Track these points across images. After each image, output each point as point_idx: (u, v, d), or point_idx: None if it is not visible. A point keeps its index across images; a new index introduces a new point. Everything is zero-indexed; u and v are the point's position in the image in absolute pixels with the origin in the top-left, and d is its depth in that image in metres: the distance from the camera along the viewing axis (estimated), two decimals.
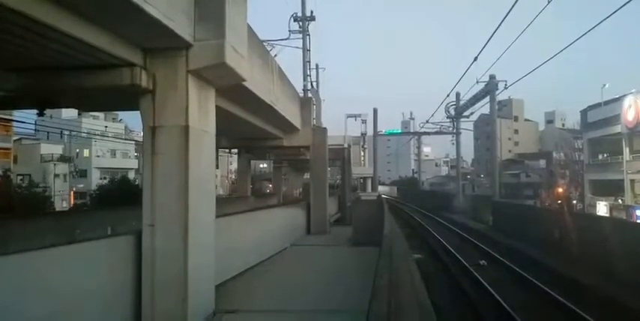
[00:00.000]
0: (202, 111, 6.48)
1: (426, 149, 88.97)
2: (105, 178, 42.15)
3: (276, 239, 12.85)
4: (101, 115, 50.69)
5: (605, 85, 41.03)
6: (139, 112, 6.25)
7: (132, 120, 60.34)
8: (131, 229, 6.36)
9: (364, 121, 60.57)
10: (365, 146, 64.60)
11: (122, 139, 46.22)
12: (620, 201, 34.66)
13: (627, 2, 10.39)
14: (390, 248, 8.64)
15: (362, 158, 64.53)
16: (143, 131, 6.35)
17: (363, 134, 63.14)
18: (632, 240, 12.88)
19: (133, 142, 47.75)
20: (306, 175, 36.27)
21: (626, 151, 34.52)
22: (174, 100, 6.07)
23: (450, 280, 14.26)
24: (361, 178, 52.10)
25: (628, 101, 33.57)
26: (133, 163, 50.05)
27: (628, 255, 12.42)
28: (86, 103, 10.26)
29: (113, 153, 49.97)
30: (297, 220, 16.49)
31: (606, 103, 38.03)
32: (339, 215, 23.51)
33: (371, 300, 4.69)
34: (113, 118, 54.59)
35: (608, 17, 11.79)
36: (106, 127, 48.44)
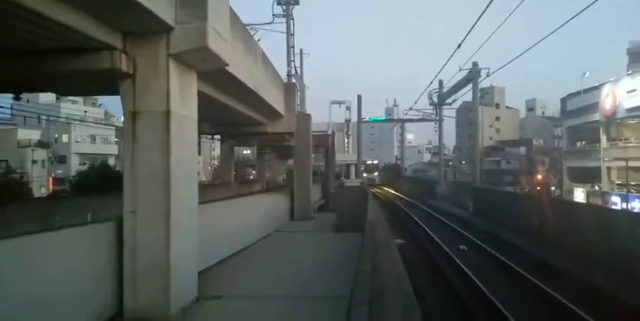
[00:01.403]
0: (184, 96, 6.37)
1: (409, 136, 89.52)
2: (85, 163, 41.47)
3: (260, 225, 12.87)
4: (80, 99, 49.65)
5: (585, 73, 41.72)
6: (119, 96, 6.12)
7: (112, 105, 59.16)
8: (112, 215, 6.26)
9: (348, 108, 60.65)
10: (349, 133, 64.78)
11: (102, 124, 45.41)
12: (596, 187, 35.58)
13: None
14: (372, 234, 8.73)
15: (346, 145, 64.75)
16: (123, 116, 6.22)
17: (347, 121, 63.23)
18: (604, 224, 13.31)
19: (114, 128, 46.96)
20: (290, 162, 36.22)
21: (603, 138, 35.30)
22: (155, 85, 5.95)
23: (432, 264, 14.52)
24: (345, 164, 52.32)
25: (606, 90, 34.21)
26: (114, 149, 49.27)
27: (601, 239, 12.87)
28: (65, 88, 9.99)
29: (93, 138, 49.12)
30: (280, 206, 16.51)
31: (585, 91, 38.69)
32: (323, 202, 23.61)
33: (353, 286, 4.75)
34: (93, 103, 53.56)
35: (589, 6, 11.89)
36: (85, 111, 47.47)
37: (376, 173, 66.15)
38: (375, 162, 68.21)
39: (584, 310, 9.02)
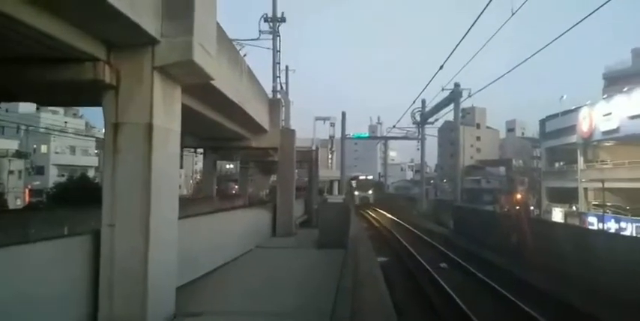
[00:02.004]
0: (168, 109, 6.35)
1: (392, 153, 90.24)
2: (63, 175, 40.62)
3: (241, 241, 12.72)
4: (61, 110, 48.90)
5: (563, 96, 42.88)
6: (101, 108, 6.06)
7: (93, 116, 58.46)
8: (90, 228, 6.13)
9: (333, 125, 61.00)
10: (333, 149, 64.97)
11: (82, 135, 44.72)
12: (574, 208, 36.21)
13: (588, 15, 10.93)
14: (355, 251, 8.72)
15: (330, 161, 64.83)
16: (105, 128, 6.15)
17: (332, 137, 63.47)
18: (581, 244, 13.60)
19: (94, 139, 46.32)
20: (274, 177, 36.08)
21: (580, 160, 36.11)
22: (138, 97, 5.92)
23: (412, 282, 14.50)
24: (329, 180, 52.34)
25: (583, 113, 35.15)
26: (94, 161, 48.50)
27: (577, 258, 13.13)
28: (46, 98, 9.88)
29: (73, 150, 48.26)
30: (262, 221, 16.37)
31: (563, 113, 39.71)
32: (306, 217, 23.50)
33: (335, 302, 4.72)
34: (74, 114, 52.79)
35: (566, 32, 12.37)
36: (65, 122, 46.79)
37: (371, 191, 55.06)
38: (370, 177, 58.98)
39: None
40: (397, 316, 8.16)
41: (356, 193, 51.51)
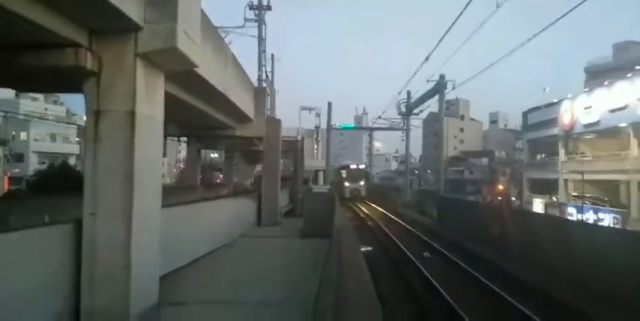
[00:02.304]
0: (150, 96, 6.26)
1: (377, 144, 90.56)
2: (44, 163, 39.86)
3: (225, 230, 12.70)
4: (41, 96, 47.77)
5: (545, 89, 43.45)
6: (82, 95, 5.94)
7: (74, 103, 57.24)
8: (71, 217, 6.05)
9: (318, 114, 60.81)
10: (318, 139, 64.89)
11: (63, 122, 43.87)
12: (554, 199, 36.95)
13: (572, 9, 11.04)
14: (339, 240, 8.78)
15: (315, 151, 64.80)
16: (86, 115, 6.05)
17: (317, 127, 63.32)
18: (560, 233, 14.01)
19: (75, 126, 45.50)
20: (259, 167, 35.92)
21: (561, 152, 36.77)
22: (120, 84, 5.82)
23: (396, 270, 14.69)
24: (314, 170, 52.36)
25: (565, 106, 35.70)
26: (75, 149, 47.65)
27: (554, 246, 13.57)
28: (26, 84, 9.66)
29: (53, 137, 47.33)
30: (247, 211, 16.36)
31: (546, 106, 40.25)
32: (291, 207, 23.55)
33: (319, 291, 4.76)
34: (54, 101, 51.63)
35: (550, 25, 12.48)
36: (45, 109, 45.80)
37: (363, 182, 47.60)
38: (362, 166, 51.01)
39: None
40: (381, 304, 8.28)
41: (346, 184, 45.89)
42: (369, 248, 18.16)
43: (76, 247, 5.72)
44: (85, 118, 6.32)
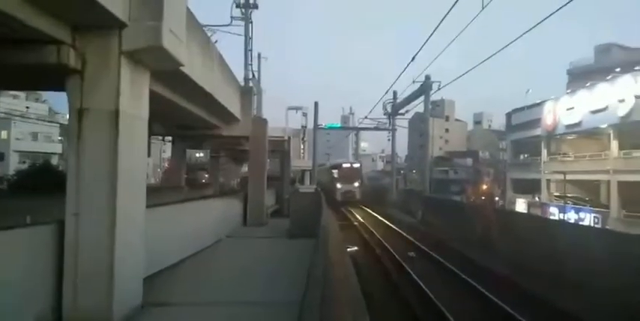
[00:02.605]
0: (135, 95, 6.17)
1: (363, 144, 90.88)
2: (25, 162, 39.12)
3: (211, 231, 12.60)
4: (22, 94, 46.88)
5: (529, 90, 44.10)
6: (65, 92, 5.84)
7: (57, 101, 56.30)
8: (53, 218, 5.94)
9: (305, 114, 60.76)
10: (305, 139, 64.82)
11: (45, 121, 43.11)
12: (537, 199, 37.52)
13: (557, 10, 11.21)
14: (325, 240, 8.76)
15: (302, 151, 64.72)
16: (69, 114, 5.94)
17: (304, 127, 63.25)
18: (542, 233, 14.46)
19: (58, 125, 44.76)
20: (245, 166, 35.65)
21: (544, 152, 37.36)
22: (104, 82, 5.73)
23: (381, 270, 14.77)
24: (301, 170, 52.30)
25: (547, 107, 36.27)
26: (57, 148, 46.83)
27: (536, 245, 13.96)
28: (6, 81, 9.44)
29: (35, 136, 46.45)
30: (233, 211, 16.26)
31: (529, 107, 40.85)
32: (277, 207, 23.48)
33: (305, 291, 4.74)
34: (36, 99, 50.69)
35: (533, 27, 12.65)
36: (27, 107, 44.99)
37: (357, 184, 41.57)
38: (357, 165, 44.76)
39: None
40: (366, 302, 8.30)
41: (338, 185, 40.09)
42: (355, 248, 18.21)
43: (59, 248, 5.61)
44: (67, 116, 6.21)
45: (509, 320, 9.48)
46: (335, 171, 42.82)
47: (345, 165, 44.01)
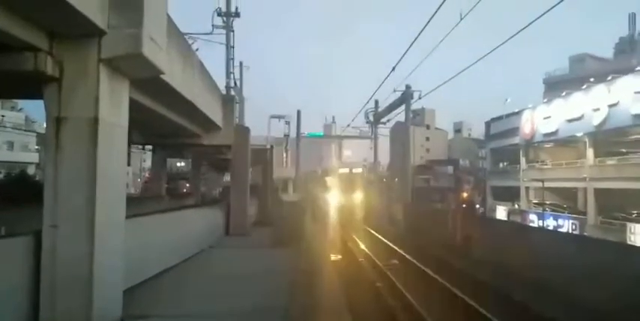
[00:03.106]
0: (114, 103, 6.07)
1: (346, 152, 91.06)
2: (0, 172, 38.08)
3: (192, 241, 12.41)
4: None
5: (507, 99, 44.97)
6: (42, 101, 5.72)
7: (34, 109, 55.10)
8: (30, 229, 5.77)
9: (288, 123, 60.64)
10: (288, 148, 64.66)
11: (22, 129, 42.14)
12: (516, 206, 38.06)
13: (535, 20, 11.53)
14: (308, 249, 8.72)
15: (284, 160, 64.52)
16: (46, 122, 5.82)
17: (286, 136, 63.14)
18: (516, 238, 15.05)
19: (35, 134, 43.79)
20: (227, 176, 35.24)
21: (522, 160, 38.01)
22: (83, 90, 5.62)
23: (365, 277, 14.75)
24: (283, 179, 52.07)
25: (525, 116, 37.00)
26: (34, 157, 45.72)
27: (518, 251, 14.38)
28: None
29: (11, 145, 45.31)
30: (215, 221, 16.07)
31: (507, 116, 41.62)
32: (260, 216, 23.30)
33: (289, 301, 4.69)
34: (12, 107, 49.50)
35: (512, 37, 12.95)
36: (2, 116, 43.93)
37: (359, 194, 33.89)
38: (359, 170, 36.23)
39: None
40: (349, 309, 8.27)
41: (331, 197, 29.11)
42: (339, 257, 18.16)
43: (35, 260, 5.44)
44: (45, 125, 6.08)
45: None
46: (329, 178, 32.39)
47: (342, 171, 33.43)
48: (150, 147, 24.51)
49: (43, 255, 5.44)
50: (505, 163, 44.13)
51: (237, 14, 22.36)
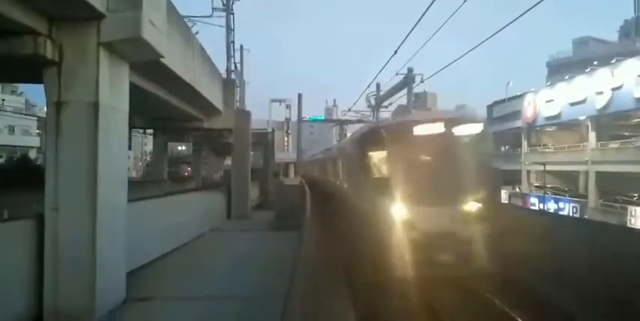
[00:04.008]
0: (114, 87, 6.06)
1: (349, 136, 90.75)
2: (1, 156, 38.23)
3: (194, 224, 12.52)
4: None
5: (509, 82, 44.57)
6: (42, 85, 5.70)
7: (34, 93, 54.96)
8: (32, 212, 5.83)
9: (288, 107, 60.49)
10: (289, 131, 64.54)
11: (22, 114, 42.08)
12: (517, 189, 38.17)
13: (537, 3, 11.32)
14: (309, 233, 8.80)
15: (285, 143, 64.48)
16: (47, 107, 5.82)
17: (287, 119, 62.93)
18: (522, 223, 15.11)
19: (35, 118, 43.76)
20: (228, 159, 35.34)
21: (524, 144, 37.94)
22: (83, 74, 5.61)
23: (363, 265, 14.91)
24: (285, 163, 52.14)
25: (528, 99, 36.77)
26: (35, 141, 45.81)
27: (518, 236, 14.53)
28: None
29: (12, 129, 45.33)
30: (216, 204, 16.17)
31: (509, 99, 41.35)
32: (261, 200, 23.42)
33: (289, 285, 4.76)
34: (12, 91, 49.33)
35: (515, 20, 12.75)
36: (3, 100, 43.82)
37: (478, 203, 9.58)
38: (477, 126, 8.74)
39: None
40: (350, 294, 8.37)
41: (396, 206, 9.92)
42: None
43: (38, 243, 5.52)
44: (45, 109, 6.08)
45: None
46: (376, 154, 10.27)
47: (424, 126, 9.62)
48: (151, 131, 24.49)
49: (46, 238, 5.52)
50: (507, 147, 44.05)
51: None
